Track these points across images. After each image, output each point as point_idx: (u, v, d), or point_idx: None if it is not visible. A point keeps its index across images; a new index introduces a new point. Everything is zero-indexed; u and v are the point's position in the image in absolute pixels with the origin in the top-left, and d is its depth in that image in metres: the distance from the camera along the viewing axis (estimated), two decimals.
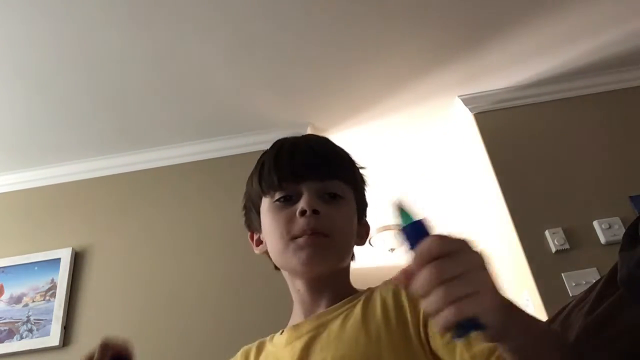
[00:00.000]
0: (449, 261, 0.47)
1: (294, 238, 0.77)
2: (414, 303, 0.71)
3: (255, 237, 0.88)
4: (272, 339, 0.84)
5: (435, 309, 0.46)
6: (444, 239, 0.49)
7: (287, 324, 0.85)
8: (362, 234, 0.88)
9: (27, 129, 2.37)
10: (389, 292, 0.75)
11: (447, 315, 0.46)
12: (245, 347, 0.86)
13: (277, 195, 0.80)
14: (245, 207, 0.90)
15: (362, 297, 0.78)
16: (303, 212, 0.76)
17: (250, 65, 2.25)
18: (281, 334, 0.83)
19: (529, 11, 2.19)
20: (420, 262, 0.47)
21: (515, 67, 2.46)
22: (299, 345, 0.75)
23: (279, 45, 2.17)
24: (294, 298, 0.85)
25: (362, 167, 0.90)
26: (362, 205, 0.88)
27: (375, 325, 0.71)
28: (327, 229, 0.77)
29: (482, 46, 2.32)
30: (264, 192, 0.82)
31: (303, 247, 0.76)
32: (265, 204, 0.82)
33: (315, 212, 0.76)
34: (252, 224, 0.88)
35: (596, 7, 2.20)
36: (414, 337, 0.69)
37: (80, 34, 2.01)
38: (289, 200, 0.79)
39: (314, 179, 0.79)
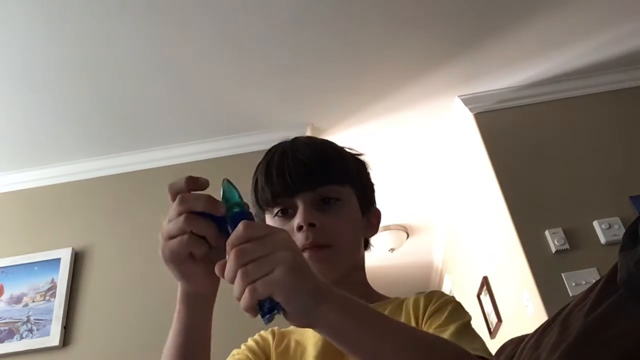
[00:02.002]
0: (250, 245, 0.49)
1: None
2: (425, 307, 0.75)
3: None
4: (293, 331, 0.84)
5: (237, 294, 0.48)
6: (250, 224, 0.50)
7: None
8: (372, 223, 0.88)
9: (28, 128, 2.37)
10: (411, 303, 0.78)
11: (245, 297, 0.47)
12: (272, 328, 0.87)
13: (275, 210, 0.81)
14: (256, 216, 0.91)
15: (390, 306, 0.80)
16: (300, 228, 0.77)
17: (251, 66, 2.25)
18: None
19: (529, 11, 2.19)
20: (229, 250, 0.49)
21: (515, 67, 2.46)
22: None
23: (279, 46, 2.17)
24: None
25: (358, 155, 0.90)
26: (365, 196, 0.87)
27: None
28: (327, 239, 0.78)
29: (482, 46, 2.32)
30: (263, 209, 0.83)
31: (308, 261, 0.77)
32: (268, 218, 0.84)
33: (311, 225, 0.77)
34: None
35: (596, 7, 2.20)
36: None
37: (80, 35, 2.01)
38: (287, 213, 0.80)
39: (307, 190, 0.79)
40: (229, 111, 2.46)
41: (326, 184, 0.81)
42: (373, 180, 0.92)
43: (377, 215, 0.90)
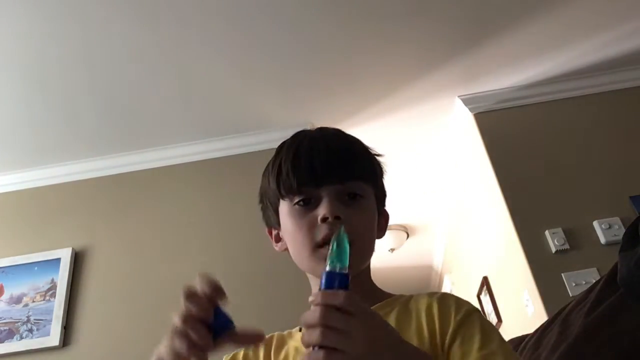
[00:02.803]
0: (341, 316, 0.54)
1: (317, 246, 0.75)
2: (443, 317, 0.72)
3: (274, 232, 0.86)
4: (290, 335, 0.82)
5: (307, 343, 0.55)
6: (351, 297, 0.56)
7: (291, 323, 0.83)
8: (382, 225, 0.86)
9: (27, 129, 2.37)
10: (423, 307, 0.75)
11: (313, 355, 0.54)
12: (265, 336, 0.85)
13: (297, 199, 0.78)
14: (262, 203, 0.88)
15: (397, 306, 0.77)
16: (325, 219, 0.75)
17: (251, 66, 2.25)
18: (300, 330, 0.81)
19: (529, 11, 2.19)
20: (318, 301, 0.55)
21: (515, 67, 2.46)
22: None
23: (279, 45, 2.17)
24: None
25: (379, 155, 0.88)
26: (381, 197, 0.86)
27: (409, 336, 0.71)
28: (351, 234, 0.74)
29: (482, 46, 2.32)
30: (282, 196, 0.80)
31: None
32: (284, 206, 0.81)
33: (337, 218, 0.75)
34: (270, 220, 0.86)
35: (596, 7, 2.20)
36: (439, 347, 0.70)
37: (80, 34, 2.01)
38: (308, 203, 0.78)
39: (334, 182, 0.77)
40: (229, 111, 2.46)
41: (354, 178, 0.79)
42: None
43: (386, 218, 0.88)
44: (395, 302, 0.79)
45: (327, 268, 0.59)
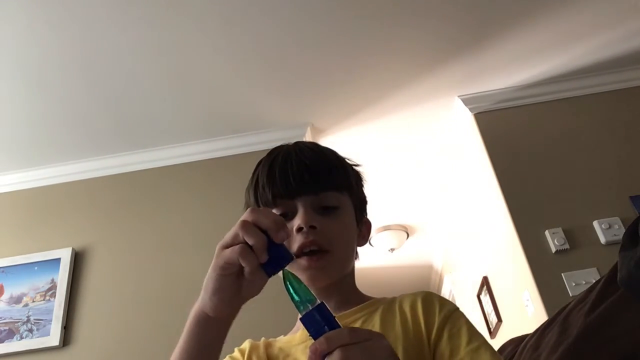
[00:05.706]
0: (355, 348, 0.52)
1: (295, 256, 0.77)
2: (427, 313, 0.74)
3: None
4: (276, 341, 0.83)
5: None
6: (355, 329, 0.55)
7: (290, 326, 0.84)
8: (363, 233, 0.89)
9: (27, 128, 2.37)
10: (407, 304, 0.77)
11: None
12: (252, 341, 0.85)
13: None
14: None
15: (380, 307, 0.79)
16: (300, 229, 0.77)
17: (251, 66, 2.25)
18: (285, 336, 0.83)
19: (529, 11, 2.19)
20: (331, 346, 0.52)
21: (515, 67, 2.46)
22: None
23: (279, 45, 2.17)
24: None
25: (356, 165, 0.90)
26: (360, 205, 0.88)
27: (394, 335, 0.73)
28: (326, 243, 0.78)
29: (482, 46, 2.32)
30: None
31: (306, 268, 0.77)
32: None
33: (312, 227, 0.77)
34: None
35: (596, 8, 2.20)
36: (426, 345, 0.71)
37: (81, 33, 2.01)
38: (285, 217, 0.79)
39: (308, 193, 0.79)
40: (229, 111, 2.46)
41: (328, 189, 0.81)
42: (370, 184, 0.92)
43: (368, 226, 0.91)
44: (378, 303, 0.81)
45: (301, 314, 0.56)
